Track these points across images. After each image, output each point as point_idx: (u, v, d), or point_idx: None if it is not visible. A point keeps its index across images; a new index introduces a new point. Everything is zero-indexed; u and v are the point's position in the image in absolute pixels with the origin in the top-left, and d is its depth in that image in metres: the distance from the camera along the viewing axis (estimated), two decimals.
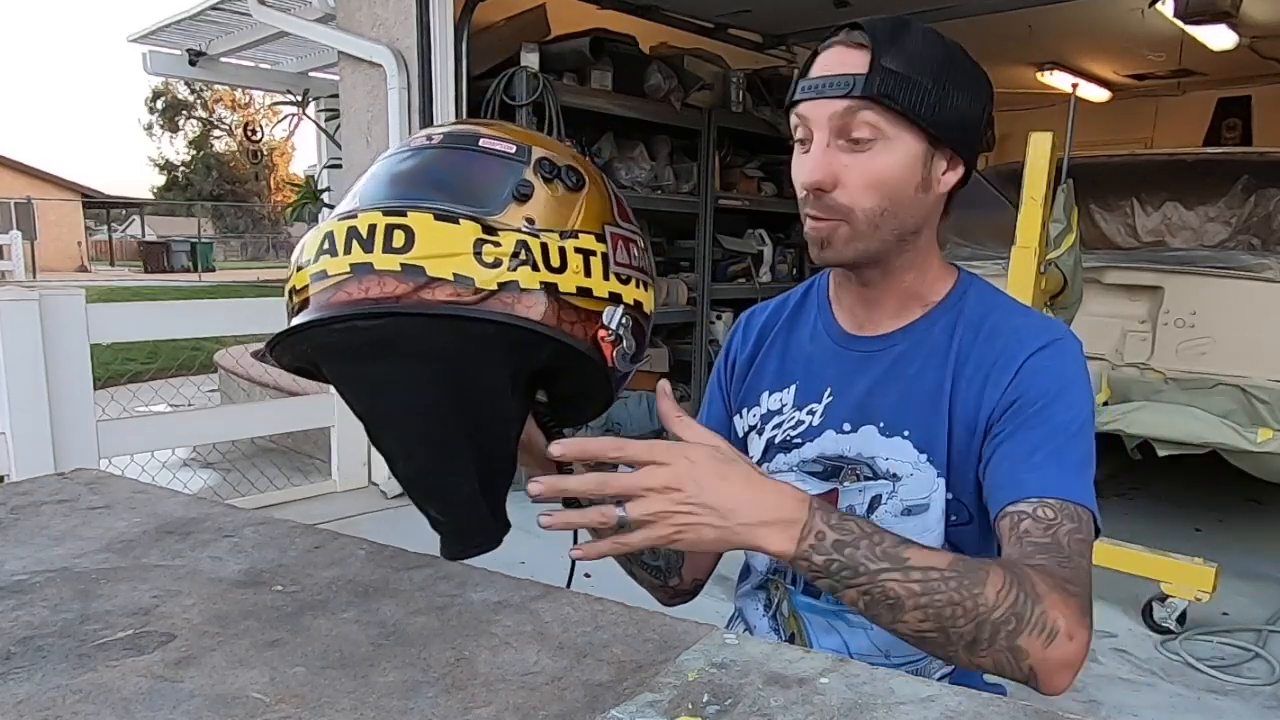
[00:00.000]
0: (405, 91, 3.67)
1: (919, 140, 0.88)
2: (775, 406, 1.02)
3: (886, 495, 0.93)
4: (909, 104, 0.86)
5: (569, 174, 0.78)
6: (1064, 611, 0.71)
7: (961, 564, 0.71)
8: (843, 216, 0.88)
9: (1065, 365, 0.88)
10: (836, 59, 0.88)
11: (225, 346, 6.05)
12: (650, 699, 0.59)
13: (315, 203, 5.17)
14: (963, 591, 0.69)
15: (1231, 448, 2.96)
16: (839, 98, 0.86)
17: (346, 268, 0.72)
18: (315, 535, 0.92)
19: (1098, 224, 3.86)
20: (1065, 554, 0.76)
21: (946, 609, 0.69)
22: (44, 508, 0.99)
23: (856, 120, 0.86)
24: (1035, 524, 0.79)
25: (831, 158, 0.87)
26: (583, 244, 0.77)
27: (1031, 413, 0.86)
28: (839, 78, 0.86)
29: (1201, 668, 2.41)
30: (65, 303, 3.00)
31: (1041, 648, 0.70)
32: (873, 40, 0.86)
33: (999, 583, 0.70)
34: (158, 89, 32.60)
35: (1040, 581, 0.71)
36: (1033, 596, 0.70)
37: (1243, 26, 4.71)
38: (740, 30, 5.11)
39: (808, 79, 0.89)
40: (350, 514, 3.59)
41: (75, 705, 0.59)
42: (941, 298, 0.96)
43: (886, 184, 0.88)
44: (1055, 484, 0.82)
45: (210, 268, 23.17)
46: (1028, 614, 0.70)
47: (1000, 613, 0.69)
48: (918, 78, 0.86)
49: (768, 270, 5.06)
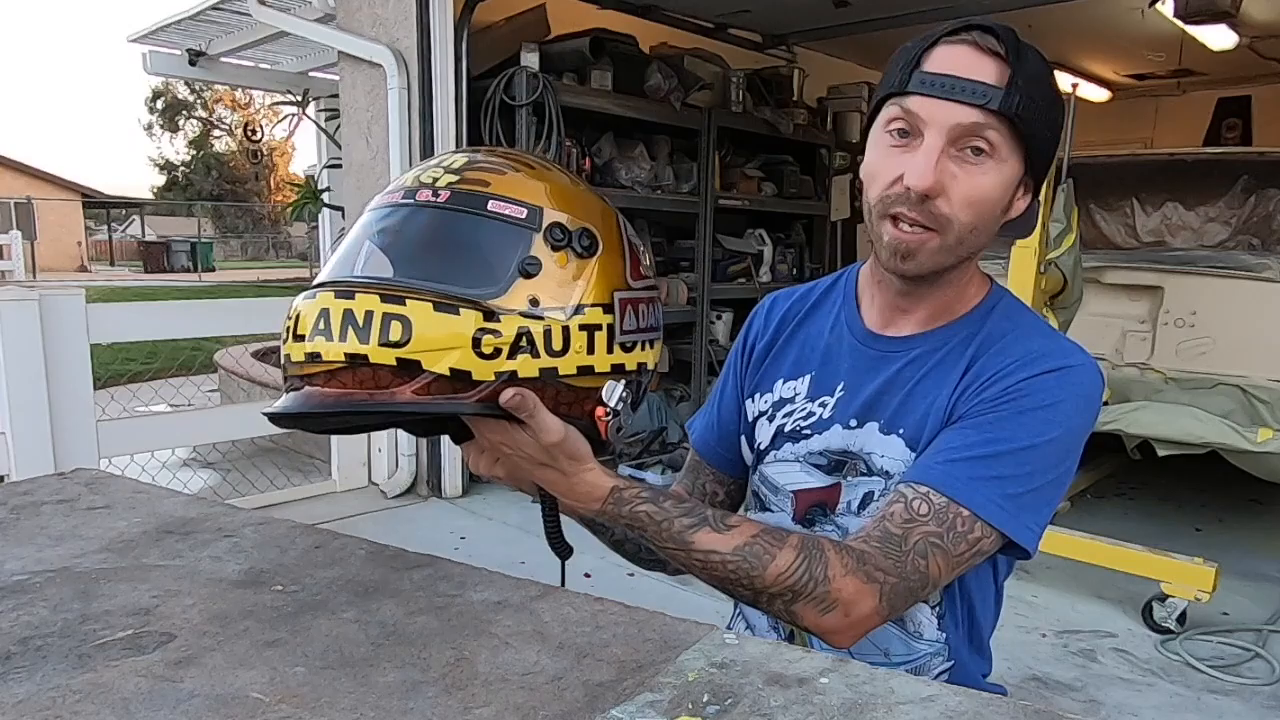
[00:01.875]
0: (405, 91, 3.66)
1: (1021, 165, 0.86)
2: (788, 395, 1.02)
3: (879, 492, 0.93)
4: (1032, 131, 0.84)
5: (582, 239, 0.76)
6: (849, 592, 0.79)
7: (749, 548, 0.80)
8: (939, 228, 0.85)
9: (1062, 387, 0.86)
10: (968, 62, 0.83)
11: (225, 346, 6.05)
12: (650, 699, 0.59)
13: (315, 203, 5.16)
14: (740, 572, 0.80)
15: (1231, 448, 2.96)
16: (972, 105, 0.82)
17: (341, 357, 0.72)
18: (315, 535, 0.92)
19: (1098, 224, 3.86)
20: (903, 550, 0.82)
21: (725, 580, 0.82)
22: (44, 508, 0.99)
23: (980, 136, 0.83)
24: (902, 511, 0.83)
25: (943, 165, 0.84)
26: (589, 319, 0.76)
27: (992, 416, 0.86)
28: (974, 84, 0.82)
29: (1201, 668, 2.41)
30: (65, 303, 2.99)
31: (815, 616, 0.80)
32: (1011, 54, 0.82)
33: (784, 565, 0.80)
34: (158, 89, 32.58)
35: (838, 563, 0.80)
36: (818, 576, 0.79)
37: (1243, 26, 4.71)
38: (740, 30, 5.11)
39: (930, 74, 0.84)
40: (350, 514, 3.59)
41: (75, 705, 0.59)
42: (968, 310, 0.95)
43: (984, 204, 0.85)
44: (955, 485, 0.83)
45: (210, 268, 23.17)
46: (807, 590, 0.79)
47: (777, 587, 0.80)
48: (1042, 104, 0.84)
49: (768, 270, 5.05)
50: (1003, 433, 0.85)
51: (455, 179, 0.76)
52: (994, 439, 0.85)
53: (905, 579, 0.81)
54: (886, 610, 0.81)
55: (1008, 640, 2.42)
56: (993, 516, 0.83)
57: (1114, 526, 2.95)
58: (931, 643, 0.95)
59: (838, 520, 0.96)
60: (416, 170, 0.80)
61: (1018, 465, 0.84)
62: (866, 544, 0.82)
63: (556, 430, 0.78)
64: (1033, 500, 0.85)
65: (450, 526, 3.47)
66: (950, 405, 0.90)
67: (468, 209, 0.75)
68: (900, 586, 0.81)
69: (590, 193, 0.83)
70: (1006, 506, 0.84)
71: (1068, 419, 0.86)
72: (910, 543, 0.82)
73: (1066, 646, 2.53)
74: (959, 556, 0.83)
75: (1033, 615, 2.71)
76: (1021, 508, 0.84)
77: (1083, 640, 2.58)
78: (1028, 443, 0.84)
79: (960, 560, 0.84)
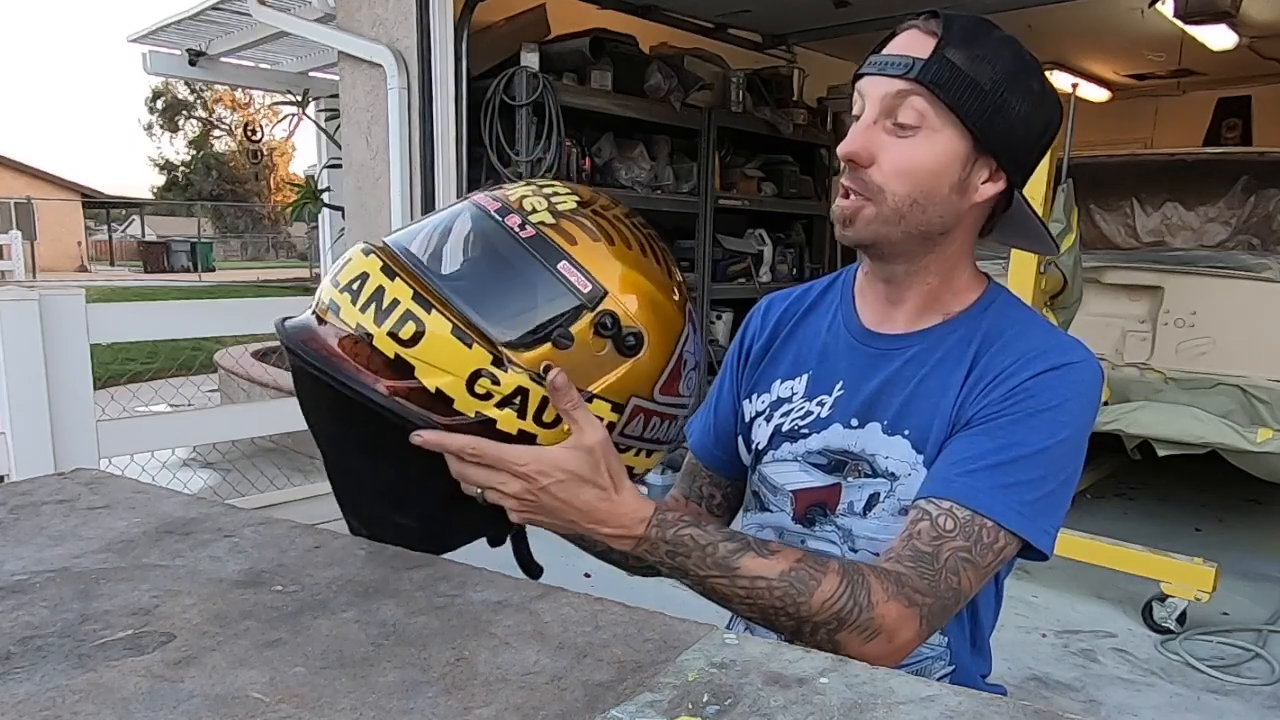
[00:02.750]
0: (405, 91, 3.66)
1: (962, 140, 0.87)
2: (786, 394, 1.02)
3: (884, 494, 0.93)
4: (958, 100, 0.85)
5: (629, 338, 0.75)
6: (893, 618, 0.78)
7: (795, 573, 0.78)
8: (871, 196, 0.88)
9: (1067, 386, 0.87)
10: (905, 41, 0.88)
11: (225, 346, 6.05)
12: (650, 699, 0.59)
13: (315, 203, 5.16)
14: (787, 599, 0.78)
15: (1231, 448, 2.96)
16: (894, 77, 0.86)
17: (354, 325, 0.73)
18: (315, 535, 0.92)
19: (1098, 224, 3.86)
20: (936, 568, 0.81)
21: (770, 609, 0.79)
22: (44, 508, 0.99)
23: (905, 104, 0.86)
24: (929, 529, 0.82)
25: (873, 135, 0.88)
26: (593, 409, 0.75)
27: (1003, 420, 0.86)
28: (900, 58, 0.87)
29: (1201, 668, 2.41)
30: (65, 303, 2.99)
31: (859, 644, 0.78)
32: (945, 30, 0.86)
33: (829, 591, 0.78)
34: (158, 89, 32.56)
35: (879, 589, 0.78)
36: (862, 603, 0.78)
37: (1243, 26, 4.71)
38: (740, 30, 5.11)
39: (875, 54, 0.90)
40: None
41: (75, 705, 0.59)
42: (965, 307, 0.95)
43: (919, 174, 0.87)
44: (977, 497, 0.83)
45: (210, 268, 23.17)
46: (851, 618, 0.78)
47: (822, 616, 0.78)
48: (976, 77, 0.85)
49: (768, 270, 5.06)
50: (1014, 437, 0.85)
51: (550, 222, 0.75)
52: (1007, 445, 0.85)
53: (941, 598, 0.81)
54: (926, 632, 0.81)
55: (1008, 640, 2.42)
56: (1013, 524, 0.83)
57: (1114, 526, 2.95)
58: (933, 646, 0.95)
59: (838, 521, 0.96)
60: (529, 188, 0.79)
61: (1032, 470, 0.84)
62: (900, 565, 0.81)
63: (597, 428, 0.75)
64: (1048, 504, 0.85)
65: None
66: (956, 408, 0.90)
67: (539, 258, 0.74)
68: (937, 606, 0.81)
69: (673, 302, 0.80)
70: (1025, 513, 0.84)
71: (1074, 418, 0.87)
72: (942, 560, 0.81)
73: (1066, 646, 2.53)
74: (986, 568, 0.83)
75: (1033, 615, 2.71)
76: (1039, 512, 0.85)
77: (1083, 640, 2.58)
78: (1040, 446, 0.85)
79: (988, 571, 0.84)
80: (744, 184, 4.92)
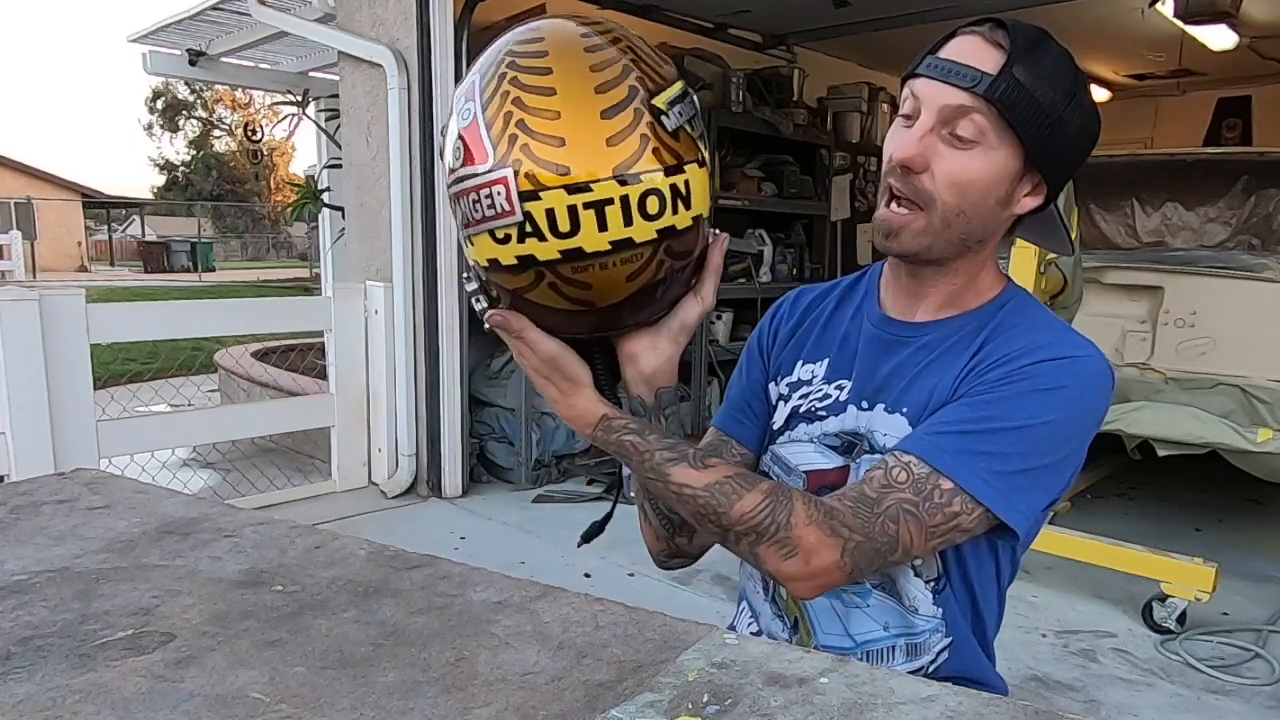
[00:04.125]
0: (405, 91, 3.66)
1: (1016, 158, 0.87)
2: (806, 377, 1.04)
3: None
4: (1022, 121, 0.85)
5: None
6: (812, 541, 0.81)
7: (720, 486, 0.83)
8: (922, 203, 0.88)
9: (1066, 374, 0.87)
10: (971, 48, 0.87)
11: (225, 346, 6.05)
12: (650, 699, 0.59)
13: (315, 203, 5.16)
14: (708, 508, 0.83)
15: (1231, 448, 2.96)
16: (959, 87, 0.85)
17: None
18: (315, 535, 0.92)
19: (1098, 224, 3.86)
20: (872, 511, 0.83)
21: (696, 515, 0.85)
22: (44, 508, 0.99)
23: (967, 118, 0.86)
24: (882, 477, 0.85)
25: (930, 143, 0.87)
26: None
27: (987, 396, 0.87)
28: (967, 69, 0.85)
29: (1201, 668, 2.41)
30: (65, 303, 3.00)
31: (776, 560, 0.82)
32: (1012, 44, 0.85)
33: (749, 505, 0.82)
34: (158, 89, 32.54)
35: (803, 512, 0.82)
36: (781, 522, 0.82)
37: (1243, 26, 4.71)
38: (740, 30, 5.12)
39: (936, 57, 0.88)
40: (350, 514, 3.59)
41: (75, 705, 0.59)
42: (982, 303, 0.96)
43: (971, 188, 0.87)
44: (939, 456, 0.84)
45: (210, 268, 23.17)
46: (769, 533, 0.82)
47: (741, 526, 0.82)
48: (1039, 97, 0.85)
49: (768, 270, 5.05)
50: (997, 410, 0.86)
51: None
52: (988, 416, 0.85)
53: (871, 539, 0.82)
54: (849, 566, 0.82)
55: (1008, 640, 2.42)
56: (978, 491, 0.83)
57: (1114, 526, 2.95)
58: (928, 618, 0.96)
59: None
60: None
61: (1010, 444, 0.85)
62: (839, 502, 0.84)
63: (548, 349, 0.85)
64: (1025, 481, 0.85)
65: (450, 526, 3.47)
66: (954, 386, 0.91)
67: None
68: (866, 546, 0.82)
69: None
70: (994, 483, 0.84)
71: (1067, 405, 0.86)
72: (882, 506, 0.83)
73: (1066, 646, 2.53)
74: (935, 527, 0.84)
75: (1033, 615, 2.71)
76: (1013, 488, 0.85)
77: (1083, 640, 2.58)
78: (1021, 423, 0.85)
79: (936, 531, 0.84)
80: (744, 184, 4.92)
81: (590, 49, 0.76)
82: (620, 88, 0.74)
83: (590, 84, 0.74)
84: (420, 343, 3.80)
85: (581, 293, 0.78)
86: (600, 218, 0.73)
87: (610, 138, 0.73)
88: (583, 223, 0.73)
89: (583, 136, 0.73)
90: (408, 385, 3.82)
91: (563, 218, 0.73)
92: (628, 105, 0.74)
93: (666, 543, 1.08)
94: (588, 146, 0.73)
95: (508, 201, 0.74)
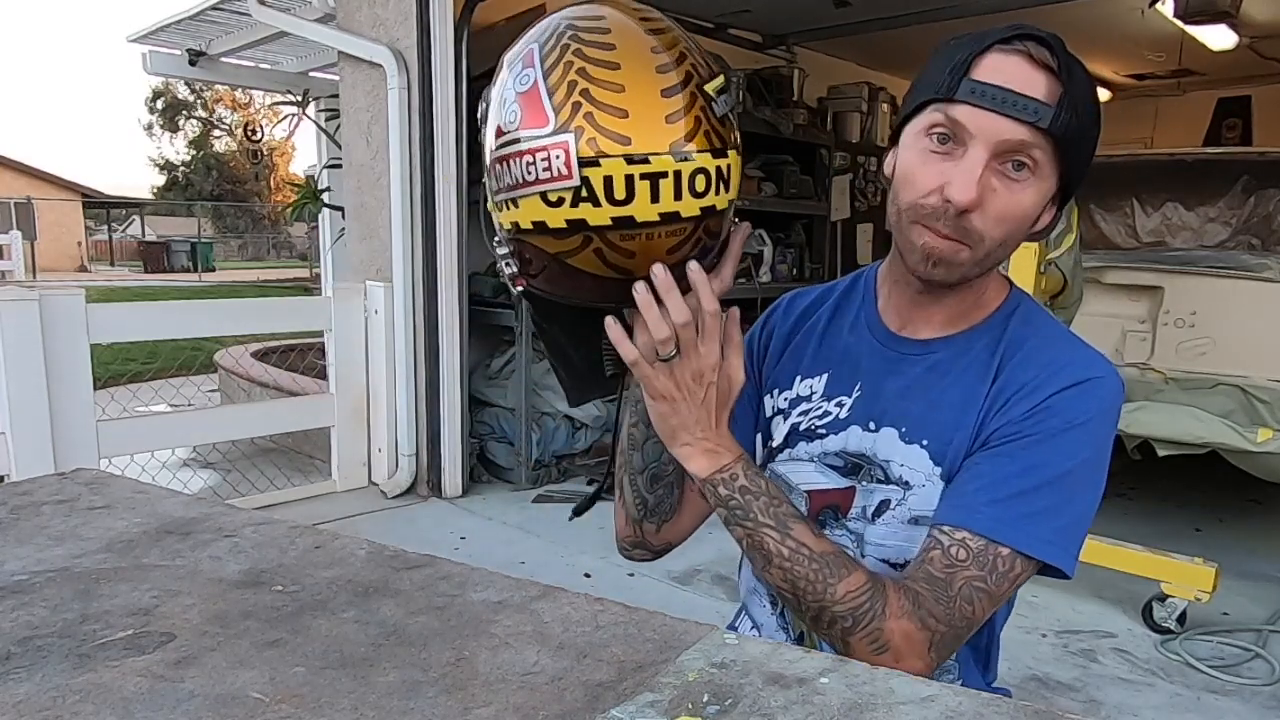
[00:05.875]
0: (405, 91, 3.66)
1: (1056, 184, 0.85)
2: (805, 393, 1.00)
3: (896, 501, 0.92)
4: (1073, 151, 0.82)
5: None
6: (903, 635, 0.79)
7: (833, 557, 0.80)
8: (971, 243, 0.84)
9: (1087, 404, 0.85)
10: (1019, 73, 0.81)
11: (225, 346, 6.05)
12: (650, 699, 0.59)
13: (315, 203, 5.16)
14: (818, 575, 0.80)
15: (1231, 448, 2.96)
16: (1021, 122, 0.80)
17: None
18: (315, 535, 0.92)
19: (1098, 224, 3.86)
20: (950, 595, 0.81)
21: (801, 581, 0.80)
22: (44, 508, 0.99)
23: (1026, 153, 0.81)
24: (942, 557, 0.82)
25: (985, 179, 0.82)
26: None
27: (1025, 440, 0.85)
28: (1027, 101, 0.80)
29: (1201, 668, 2.41)
30: (65, 303, 3.00)
31: (866, 653, 0.78)
32: (1060, 68, 0.80)
33: (854, 585, 0.79)
34: (158, 89, 32.52)
35: (897, 603, 0.79)
36: (877, 611, 0.79)
37: (1243, 26, 4.71)
38: (740, 30, 5.12)
39: (982, 83, 0.81)
40: (350, 514, 3.59)
41: (75, 705, 0.59)
42: (988, 315, 0.94)
43: (1017, 221, 0.84)
44: (995, 525, 0.82)
45: (210, 268, 23.18)
46: (865, 621, 0.79)
47: (840, 608, 0.79)
48: (1086, 125, 0.82)
49: (768, 270, 5.05)
50: (1037, 459, 0.84)
51: None
52: (1029, 468, 0.83)
53: (954, 627, 0.81)
54: (935, 661, 0.80)
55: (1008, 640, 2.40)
56: (1042, 553, 0.82)
57: (1114, 526, 2.95)
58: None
59: (849, 525, 0.95)
60: None
61: (1056, 496, 0.83)
62: (917, 585, 0.81)
63: (740, 370, 0.83)
64: (1074, 530, 0.85)
65: (450, 526, 3.47)
66: (979, 423, 0.88)
67: None
68: (950, 635, 0.81)
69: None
70: (1055, 540, 0.83)
71: (1096, 436, 0.86)
72: (955, 589, 0.81)
73: (1066, 646, 2.53)
74: (1001, 595, 0.83)
75: (1033, 615, 2.71)
76: (1070, 539, 0.84)
77: (1083, 640, 2.58)
78: (1064, 469, 0.84)
79: (1002, 598, 0.83)
80: (744, 184, 4.91)
81: (650, 32, 0.79)
82: (678, 70, 0.77)
83: (652, 64, 0.76)
84: (420, 343, 3.80)
85: (624, 260, 0.79)
86: (654, 189, 0.75)
87: (669, 115, 0.75)
88: (637, 192, 0.75)
89: (645, 111, 0.75)
90: (408, 385, 3.82)
91: (619, 186, 0.75)
92: (684, 88, 0.76)
93: (634, 528, 1.05)
94: (649, 121, 0.75)
95: (566, 166, 0.75)
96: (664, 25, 0.80)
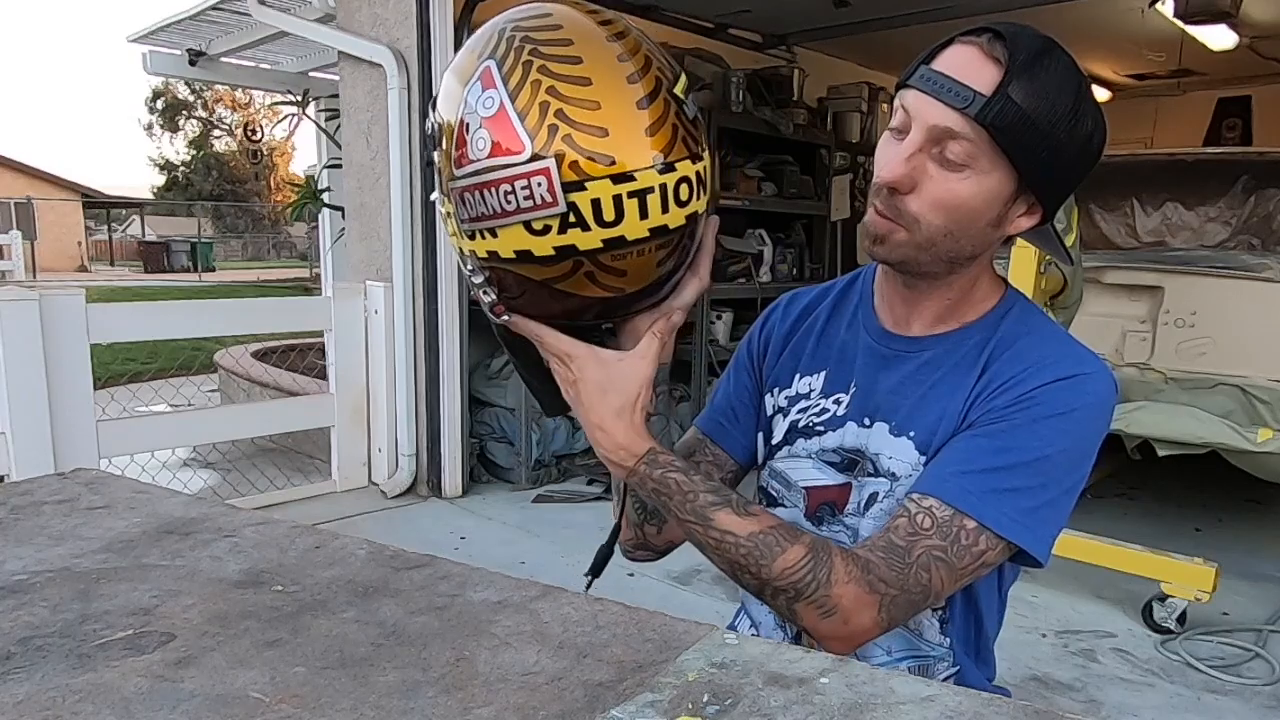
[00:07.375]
0: (405, 91, 3.66)
1: (1010, 181, 0.83)
2: (804, 390, 1.01)
3: (884, 494, 0.93)
4: (1016, 146, 0.80)
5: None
6: (852, 598, 0.80)
7: (763, 537, 0.81)
8: (905, 225, 0.85)
9: (1073, 397, 0.85)
10: (966, 61, 0.81)
11: (225, 346, 6.05)
12: (650, 699, 0.59)
13: (315, 203, 5.16)
14: (750, 559, 0.81)
15: (1231, 448, 2.96)
16: (950, 106, 0.80)
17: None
18: (315, 535, 0.92)
19: (1098, 224, 3.86)
20: (906, 562, 0.82)
21: (735, 564, 0.82)
22: (44, 508, 0.99)
23: (956, 141, 0.81)
24: (908, 524, 0.83)
25: (918, 162, 0.83)
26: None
27: (1004, 424, 0.85)
28: (959, 86, 0.80)
29: (1201, 668, 2.41)
30: (65, 303, 3.00)
31: (815, 619, 0.81)
32: (1010, 59, 0.79)
33: (791, 560, 0.80)
34: (158, 89, 32.51)
35: (844, 569, 0.81)
36: (821, 580, 0.80)
37: (1243, 26, 4.71)
38: (740, 30, 5.12)
39: (929, 69, 0.83)
40: (350, 514, 3.59)
41: (75, 705, 0.59)
42: (981, 315, 0.94)
43: (960, 210, 0.84)
44: (964, 498, 0.83)
45: (210, 268, 23.18)
46: (809, 591, 0.80)
47: (782, 582, 0.81)
48: (1038, 120, 0.79)
49: (768, 270, 5.05)
50: (1014, 442, 0.84)
51: None
52: (1005, 448, 0.84)
53: (907, 591, 0.81)
54: (885, 622, 0.81)
55: (1008, 640, 2.42)
56: (1005, 530, 0.83)
57: (1114, 526, 2.95)
58: (934, 645, 0.95)
59: (846, 520, 0.96)
60: None
61: (1030, 477, 0.83)
62: (872, 553, 0.82)
63: (652, 362, 0.84)
64: (1047, 512, 0.85)
65: (450, 526, 3.48)
66: (964, 411, 0.89)
67: None
68: (901, 599, 0.81)
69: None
70: (1022, 520, 0.83)
71: (1079, 427, 0.85)
72: (913, 556, 0.81)
73: (1066, 646, 2.53)
74: (963, 569, 0.83)
75: (1033, 615, 2.71)
76: (1039, 521, 0.84)
77: (1083, 640, 2.58)
78: (1040, 453, 0.84)
79: (964, 572, 0.83)
80: (744, 184, 4.92)
81: (612, 37, 0.76)
82: (648, 78, 0.75)
83: (621, 74, 0.74)
84: (420, 342, 3.80)
85: (617, 280, 0.77)
86: (642, 206, 0.74)
87: (648, 127, 0.74)
88: (626, 211, 0.74)
89: (624, 126, 0.73)
90: (408, 385, 3.82)
91: (608, 207, 0.73)
92: (658, 95, 0.75)
93: (635, 530, 1.06)
94: (629, 136, 0.73)
95: (550, 193, 0.72)
96: (622, 26, 0.78)
